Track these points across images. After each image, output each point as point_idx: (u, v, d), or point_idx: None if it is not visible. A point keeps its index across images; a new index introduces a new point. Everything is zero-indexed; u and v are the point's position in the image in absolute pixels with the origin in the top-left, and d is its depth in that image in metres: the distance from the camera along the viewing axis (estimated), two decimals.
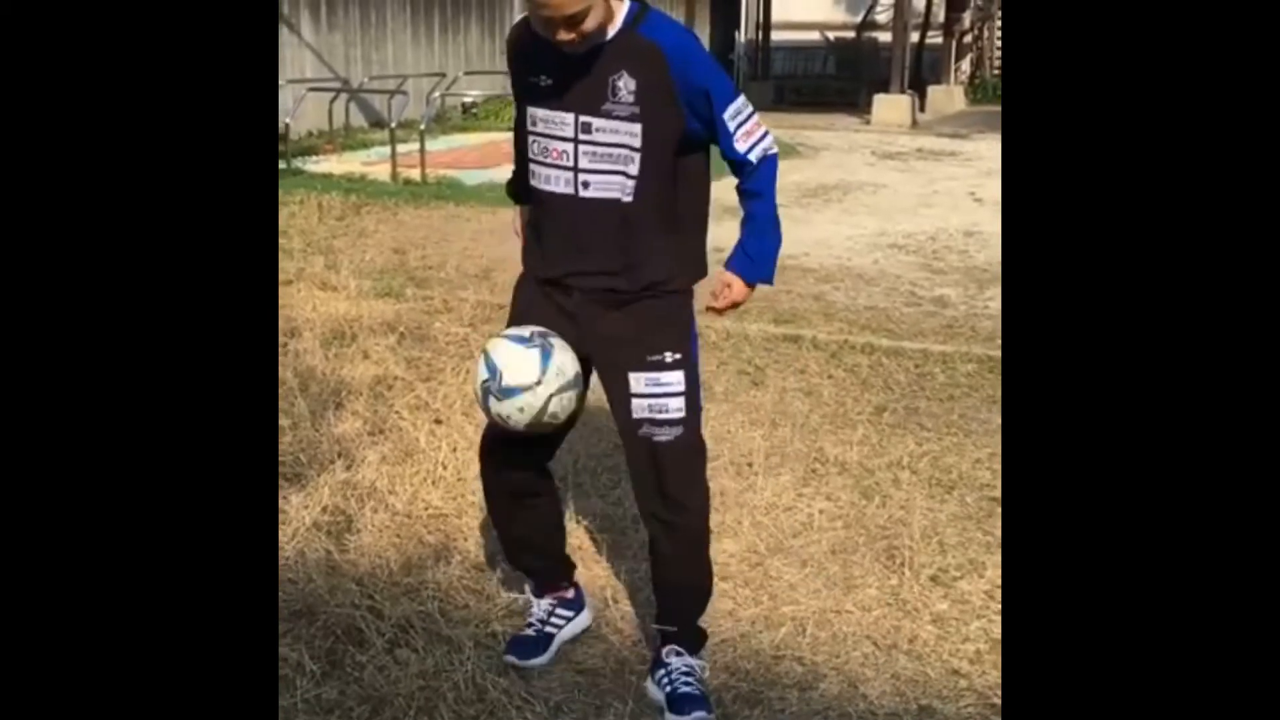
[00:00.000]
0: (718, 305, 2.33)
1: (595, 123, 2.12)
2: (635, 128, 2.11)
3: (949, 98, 18.78)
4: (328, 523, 3.14)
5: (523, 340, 2.19)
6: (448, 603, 2.75)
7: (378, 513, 3.20)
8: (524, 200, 2.41)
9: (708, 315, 2.40)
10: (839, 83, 21.00)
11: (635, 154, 2.12)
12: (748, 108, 2.20)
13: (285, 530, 3.06)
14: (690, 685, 2.36)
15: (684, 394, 2.25)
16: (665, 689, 2.36)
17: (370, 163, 10.66)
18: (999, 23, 21.28)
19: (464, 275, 6.13)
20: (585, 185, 2.16)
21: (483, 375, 2.18)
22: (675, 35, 2.14)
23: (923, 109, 17.45)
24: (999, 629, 2.65)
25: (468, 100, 15.21)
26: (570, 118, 2.14)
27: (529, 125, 2.22)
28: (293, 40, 13.15)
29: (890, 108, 16.43)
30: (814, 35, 22.94)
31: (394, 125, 10.06)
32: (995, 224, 7.73)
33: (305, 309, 5.20)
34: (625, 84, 2.09)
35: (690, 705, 2.31)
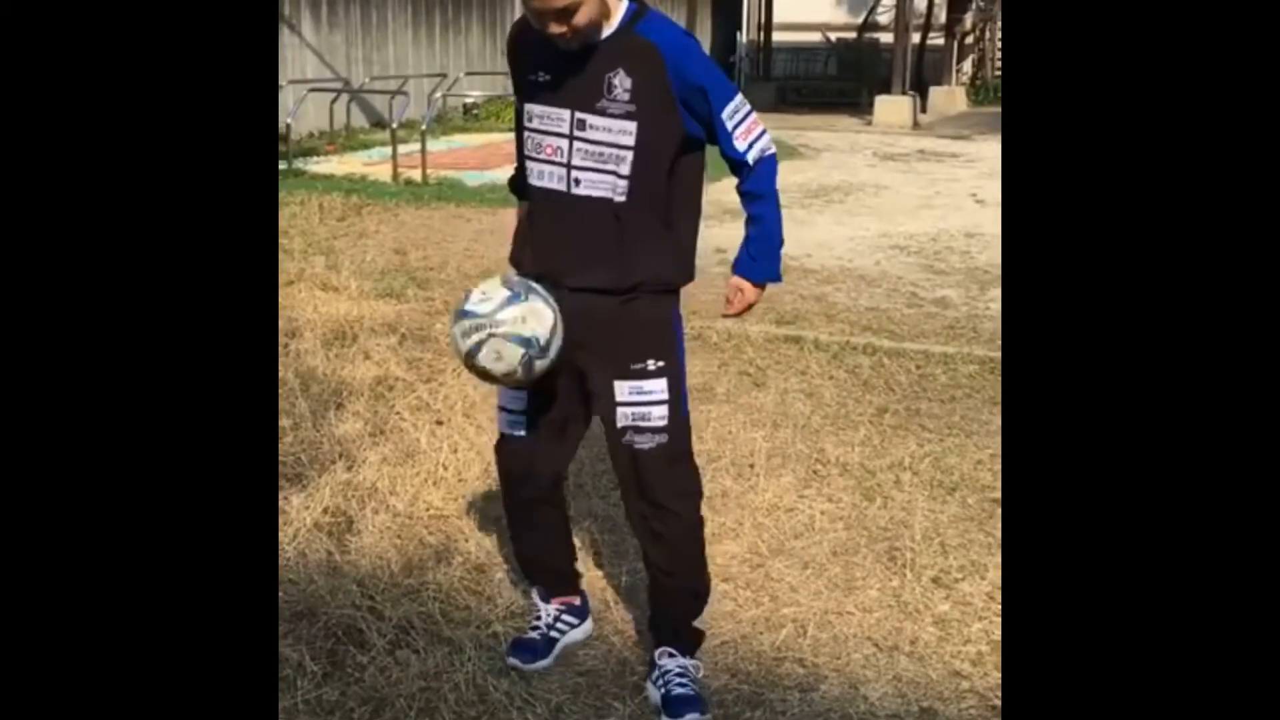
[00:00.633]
0: (732, 311, 2.33)
1: (590, 119, 2.12)
2: (630, 126, 2.10)
3: (950, 99, 18.79)
4: (328, 523, 3.14)
5: (508, 283, 2.16)
6: (449, 604, 2.75)
7: (379, 513, 3.19)
8: (525, 197, 2.41)
9: (718, 318, 2.40)
10: (840, 84, 21.01)
11: (628, 153, 2.11)
12: (745, 106, 2.19)
13: (286, 531, 3.06)
14: (685, 686, 2.35)
15: (667, 401, 2.24)
16: (660, 690, 2.36)
17: (371, 163, 10.67)
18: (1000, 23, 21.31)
19: (465, 276, 6.12)
20: (577, 182, 2.16)
21: (462, 296, 2.18)
22: (673, 35, 2.14)
23: (924, 110, 17.46)
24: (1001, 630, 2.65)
25: (469, 101, 15.23)
26: (566, 114, 2.14)
27: (526, 121, 2.22)
28: (294, 40, 13.16)
29: (892, 109, 16.44)
30: (815, 36, 22.96)
31: (395, 126, 10.05)
32: (997, 225, 7.71)
33: (306, 309, 5.19)
34: (621, 81, 2.09)
35: (684, 706, 2.31)
